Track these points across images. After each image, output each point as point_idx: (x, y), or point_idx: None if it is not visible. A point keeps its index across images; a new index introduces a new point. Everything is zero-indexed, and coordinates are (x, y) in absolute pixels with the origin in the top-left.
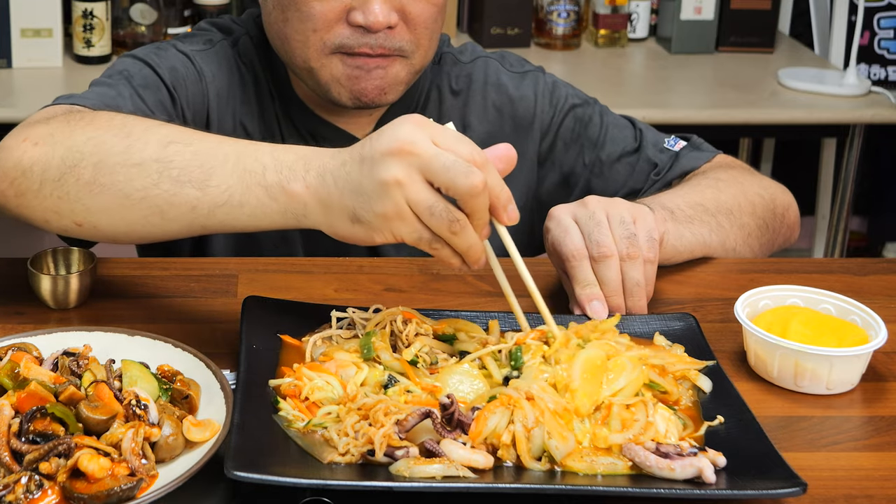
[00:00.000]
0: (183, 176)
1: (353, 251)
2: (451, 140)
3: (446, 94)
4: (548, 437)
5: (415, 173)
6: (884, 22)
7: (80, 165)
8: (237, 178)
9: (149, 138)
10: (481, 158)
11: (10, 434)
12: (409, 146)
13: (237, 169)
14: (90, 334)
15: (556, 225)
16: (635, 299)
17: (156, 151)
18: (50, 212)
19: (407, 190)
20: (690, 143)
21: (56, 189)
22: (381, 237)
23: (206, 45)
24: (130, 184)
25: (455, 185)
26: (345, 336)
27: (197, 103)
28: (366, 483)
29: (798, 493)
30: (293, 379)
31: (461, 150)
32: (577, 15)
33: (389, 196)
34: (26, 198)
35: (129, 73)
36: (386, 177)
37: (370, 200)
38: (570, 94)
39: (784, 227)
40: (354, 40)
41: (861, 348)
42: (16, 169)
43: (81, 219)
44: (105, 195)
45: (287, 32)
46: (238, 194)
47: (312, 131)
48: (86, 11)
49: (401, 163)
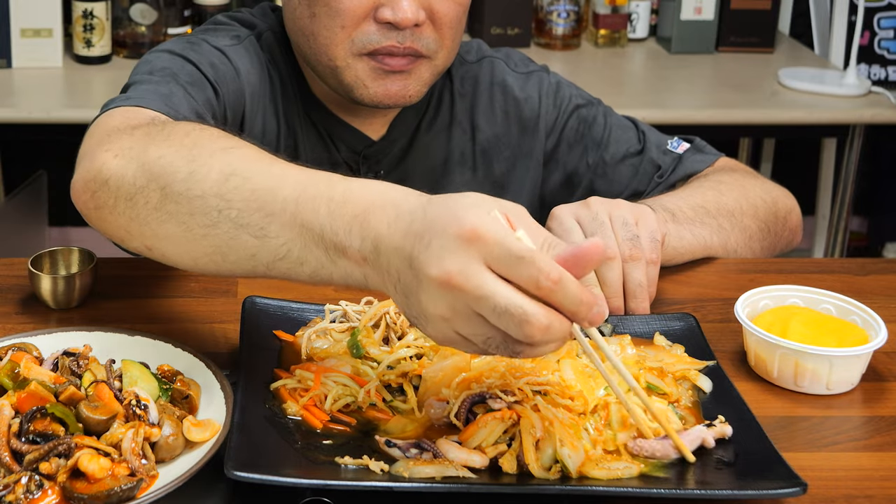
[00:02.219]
0: (241, 219)
1: None
2: (514, 263)
3: (455, 96)
4: (560, 446)
5: (464, 308)
6: (884, 22)
7: (149, 188)
8: (296, 234)
9: (212, 165)
10: (549, 284)
11: (10, 434)
12: (458, 279)
13: (296, 223)
14: (90, 334)
15: (558, 225)
16: (638, 300)
17: (216, 185)
18: (123, 230)
19: (455, 324)
20: (694, 146)
21: (128, 209)
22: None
23: (234, 41)
24: (192, 219)
25: (508, 331)
26: (338, 330)
27: (235, 101)
28: (366, 483)
29: (798, 493)
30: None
31: (524, 278)
32: (577, 15)
33: (437, 327)
34: (103, 212)
35: (171, 70)
36: (432, 310)
37: (421, 322)
38: (575, 95)
39: (786, 231)
40: (381, 37)
41: (861, 348)
42: (96, 180)
43: (151, 243)
44: (170, 224)
45: (314, 29)
46: (297, 251)
47: (329, 130)
48: (86, 11)
49: (447, 297)
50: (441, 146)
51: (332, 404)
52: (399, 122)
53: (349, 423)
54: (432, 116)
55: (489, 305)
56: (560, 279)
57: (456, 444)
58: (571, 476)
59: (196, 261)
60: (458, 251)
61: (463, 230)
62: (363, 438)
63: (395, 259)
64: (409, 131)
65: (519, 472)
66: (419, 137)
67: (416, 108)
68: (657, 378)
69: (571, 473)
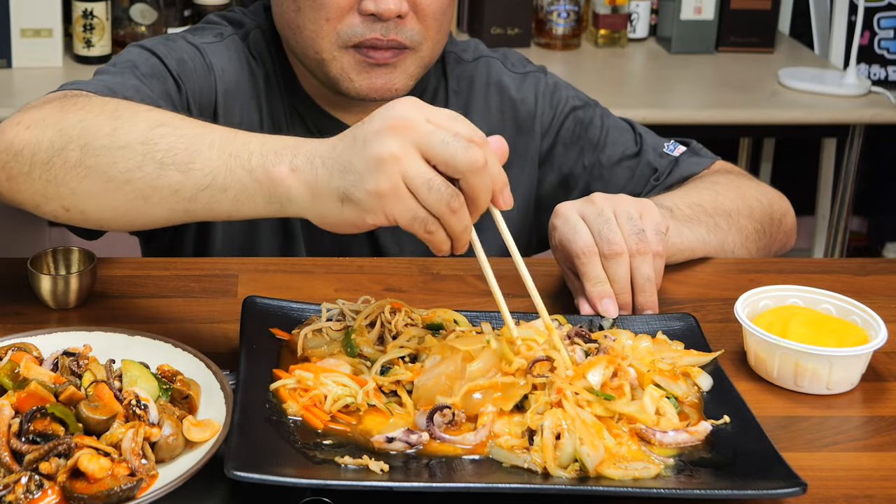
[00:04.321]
0: (167, 158)
1: (354, 248)
2: (447, 119)
3: (450, 95)
4: (579, 444)
5: (411, 148)
6: (884, 22)
7: (68, 148)
8: (222, 162)
9: (137, 121)
10: (479, 138)
11: (10, 434)
12: (405, 122)
13: (223, 153)
14: (90, 334)
15: (563, 222)
16: (647, 295)
17: (142, 134)
18: (39, 195)
19: (403, 164)
20: (690, 149)
21: (44, 172)
22: (372, 218)
23: (216, 38)
24: (114, 166)
25: (455, 160)
26: (335, 328)
27: (204, 96)
28: (366, 483)
29: (798, 493)
30: (296, 382)
31: (458, 129)
32: (577, 15)
33: (384, 171)
34: (17, 181)
35: (134, 62)
36: (381, 152)
37: (363, 178)
38: (572, 96)
39: (781, 233)
40: (365, 29)
41: (861, 348)
42: (7, 152)
43: (69, 203)
44: (90, 178)
45: (299, 22)
46: (221, 178)
47: (319, 126)
48: (86, 11)
49: (396, 138)
50: None
51: (331, 405)
52: None
53: (349, 423)
54: None
55: (438, 137)
56: (484, 140)
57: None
58: (589, 474)
59: (116, 209)
60: (400, 107)
61: (401, 100)
62: (363, 438)
63: (331, 154)
64: None
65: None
66: None
67: None
68: (669, 381)
69: (589, 472)
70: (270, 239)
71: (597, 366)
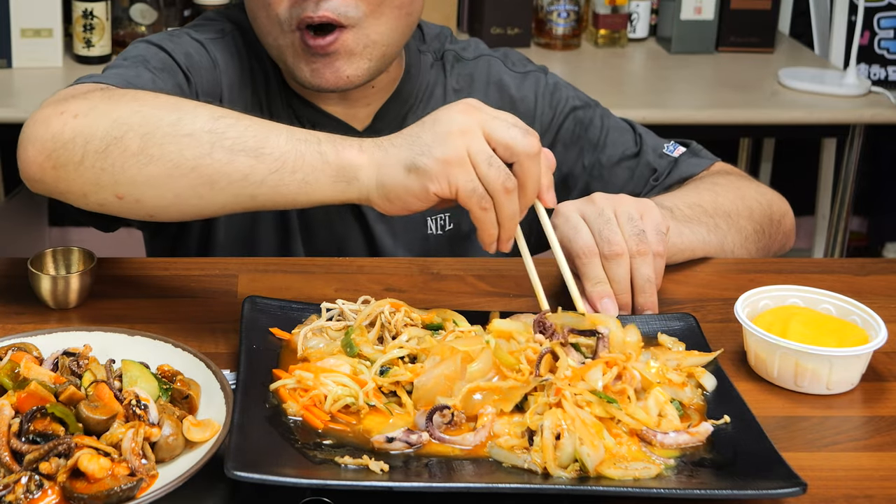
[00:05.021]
0: (237, 146)
1: (349, 241)
2: (508, 115)
3: (449, 92)
4: (579, 444)
5: (477, 128)
6: (884, 22)
7: (127, 136)
8: (291, 146)
9: (199, 112)
10: (534, 132)
11: (10, 434)
12: (473, 107)
13: (291, 139)
14: (90, 334)
15: (564, 222)
16: (647, 295)
17: (207, 123)
18: (90, 184)
19: (470, 139)
20: (690, 150)
21: (99, 160)
22: (436, 186)
23: (218, 35)
24: (181, 154)
25: (516, 142)
26: (334, 328)
27: (210, 91)
28: (366, 483)
29: (798, 493)
30: (296, 382)
31: (518, 122)
32: (577, 15)
33: (452, 142)
34: (66, 170)
35: (144, 56)
36: (451, 126)
37: (431, 147)
38: (572, 96)
39: (780, 234)
40: (298, 10)
41: (861, 348)
42: (55, 140)
43: (124, 191)
44: (153, 165)
45: (254, 14)
46: (291, 160)
47: (313, 122)
48: (86, 11)
49: (465, 116)
50: None
51: (331, 405)
52: (383, 114)
53: (349, 423)
54: (421, 111)
55: (502, 122)
56: (537, 135)
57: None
58: (589, 474)
59: (178, 195)
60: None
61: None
62: (363, 438)
63: (399, 138)
64: (395, 124)
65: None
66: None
67: (401, 100)
68: (676, 389)
69: (589, 472)
70: (270, 234)
71: (595, 367)
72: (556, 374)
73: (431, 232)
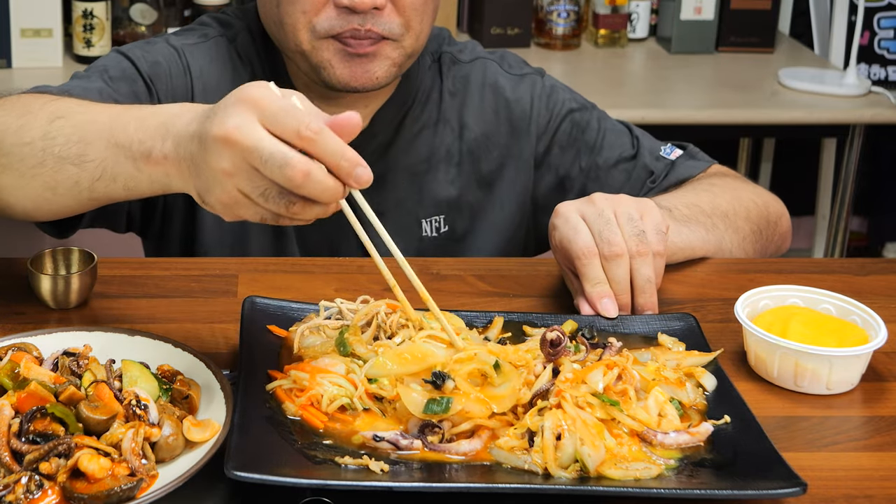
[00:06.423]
0: (63, 152)
1: (343, 242)
2: (281, 117)
3: (445, 95)
4: (580, 445)
5: (241, 162)
6: (884, 22)
7: None
8: (109, 153)
9: (40, 115)
10: (309, 133)
11: (10, 434)
12: (234, 134)
13: (110, 144)
14: (90, 334)
15: (563, 222)
16: (647, 296)
17: (42, 129)
18: None
19: (236, 180)
20: (687, 152)
21: None
22: (229, 217)
23: (201, 39)
24: (22, 162)
25: (274, 178)
26: (331, 327)
27: (179, 97)
28: (366, 483)
29: (798, 493)
30: (292, 382)
31: (288, 129)
32: (577, 15)
33: (223, 185)
34: None
35: (106, 66)
36: (216, 167)
37: (210, 188)
38: (568, 99)
39: (776, 236)
40: (342, 21)
41: (861, 348)
42: None
43: None
44: (5, 174)
45: (280, 16)
46: (110, 168)
47: None
48: (86, 11)
49: (227, 153)
50: (426, 142)
51: (328, 405)
52: (381, 116)
53: (346, 423)
54: (418, 112)
55: (258, 155)
56: (320, 131)
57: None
58: (590, 474)
59: (34, 200)
60: (236, 113)
61: (241, 96)
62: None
63: (190, 145)
64: (392, 125)
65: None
66: (403, 132)
67: (398, 102)
68: (675, 388)
69: (590, 472)
70: (261, 235)
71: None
72: (558, 377)
73: (426, 234)
